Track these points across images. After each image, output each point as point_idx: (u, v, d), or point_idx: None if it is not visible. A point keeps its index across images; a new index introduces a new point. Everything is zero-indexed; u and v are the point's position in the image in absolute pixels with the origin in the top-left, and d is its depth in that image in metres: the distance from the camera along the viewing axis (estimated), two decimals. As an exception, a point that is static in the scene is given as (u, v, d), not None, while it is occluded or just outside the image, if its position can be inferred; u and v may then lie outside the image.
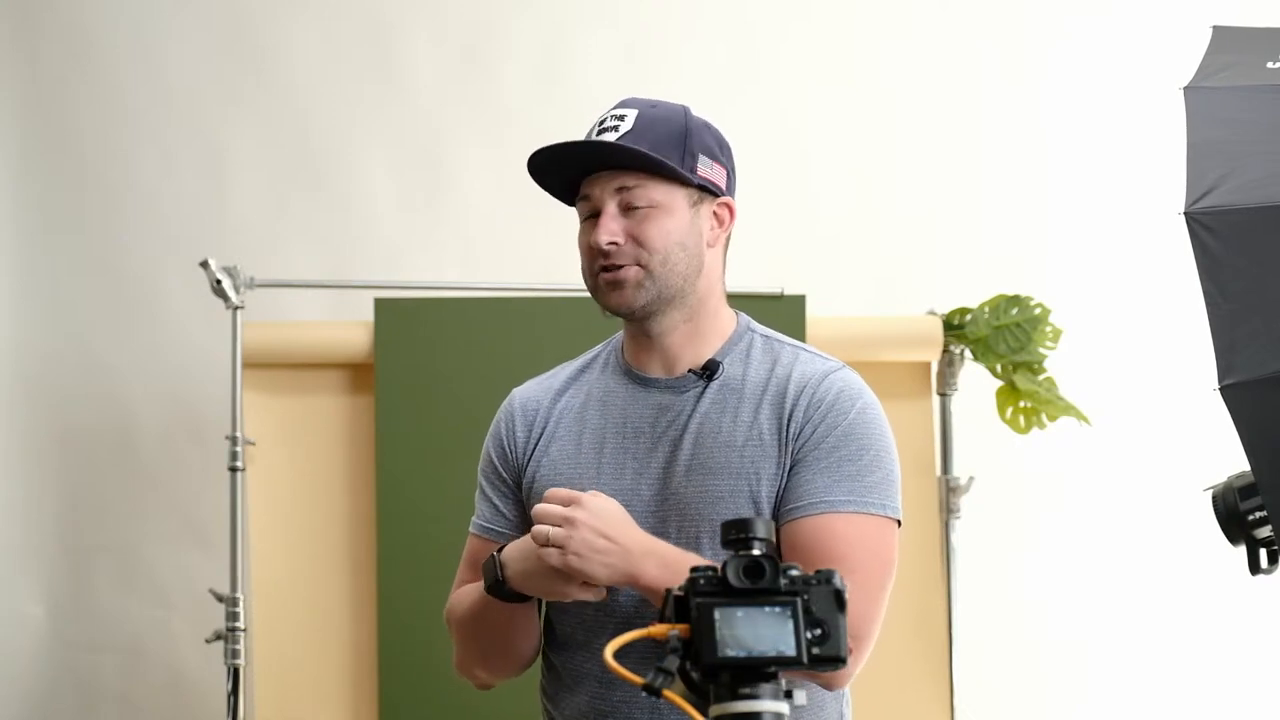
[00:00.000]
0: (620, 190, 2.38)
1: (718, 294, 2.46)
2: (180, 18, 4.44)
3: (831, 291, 4.22)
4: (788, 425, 2.37)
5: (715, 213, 2.43)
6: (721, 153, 2.44)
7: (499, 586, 2.37)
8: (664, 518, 2.37)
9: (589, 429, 2.45)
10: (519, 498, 2.50)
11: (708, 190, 2.41)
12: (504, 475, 2.51)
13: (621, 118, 2.40)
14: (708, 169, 2.41)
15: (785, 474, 2.36)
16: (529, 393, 2.54)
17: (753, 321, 2.51)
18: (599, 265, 2.40)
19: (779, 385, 2.40)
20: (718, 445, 2.38)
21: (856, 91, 4.58)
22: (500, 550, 2.38)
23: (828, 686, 2.37)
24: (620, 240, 2.37)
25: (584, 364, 2.54)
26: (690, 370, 2.43)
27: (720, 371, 2.42)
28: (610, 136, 2.38)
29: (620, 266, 2.38)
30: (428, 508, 3.92)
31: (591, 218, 2.41)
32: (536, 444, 2.48)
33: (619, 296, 2.39)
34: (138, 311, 4.37)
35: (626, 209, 2.38)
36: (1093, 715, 4.54)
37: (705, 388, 2.42)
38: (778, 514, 2.36)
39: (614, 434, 2.43)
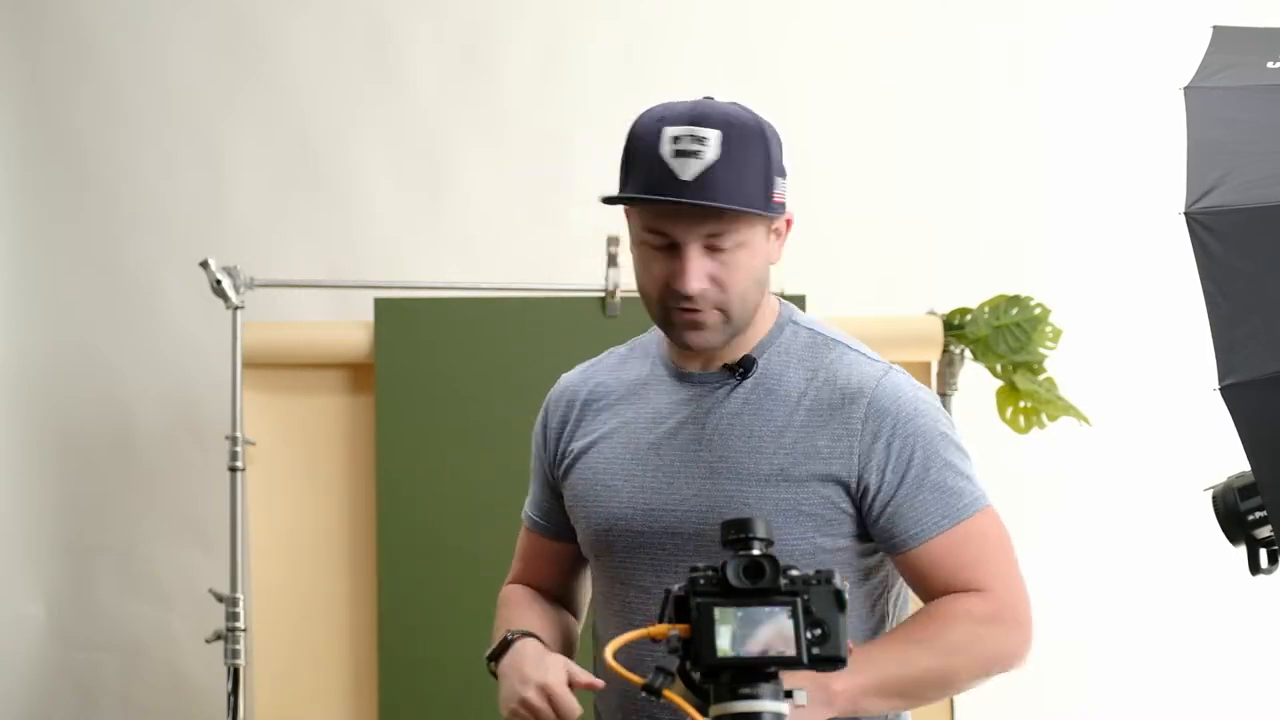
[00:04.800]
0: (709, 235, 2.25)
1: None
2: (180, 18, 4.44)
3: (831, 291, 4.22)
4: (850, 445, 2.30)
5: (779, 227, 2.36)
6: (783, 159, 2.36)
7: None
8: (684, 516, 2.33)
9: (623, 420, 2.40)
10: (553, 487, 2.49)
11: (779, 211, 2.34)
12: (541, 464, 2.52)
13: (702, 140, 2.26)
14: (782, 190, 2.34)
15: (864, 498, 2.31)
16: (570, 381, 2.51)
17: (796, 312, 2.43)
18: (678, 304, 2.27)
19: (824, 393, 2.33)
20: (748, 449, 2.32)
21: (856, 91, 4.58)
22: (512, 640, 2.35)
23: (1009, 667, 2.39)
24: (707, 285, 2.26)
25: (627, 353, 2.49)
26: (725, 366, 2.36)
27: (755, 369, 2.35)
28: (693, 164, 2.24)
29: (700, 310, 2.27)
30: (428, 508, 3.92)
31: (665, 249, 2.27)
32: (572, 434, 2.45)
33: (698, 338, 2.29)
34: (138, 311, 4.37)
35: (711, 249, 2.26)
36: (1093, 715, 4.54)
37: (738, 385, 2.36)
38: (882, 538, 2.33)
39: (645, 427, 2.38)
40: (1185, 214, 2.43)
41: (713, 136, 2.27)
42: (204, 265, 3.86)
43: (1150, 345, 4.52)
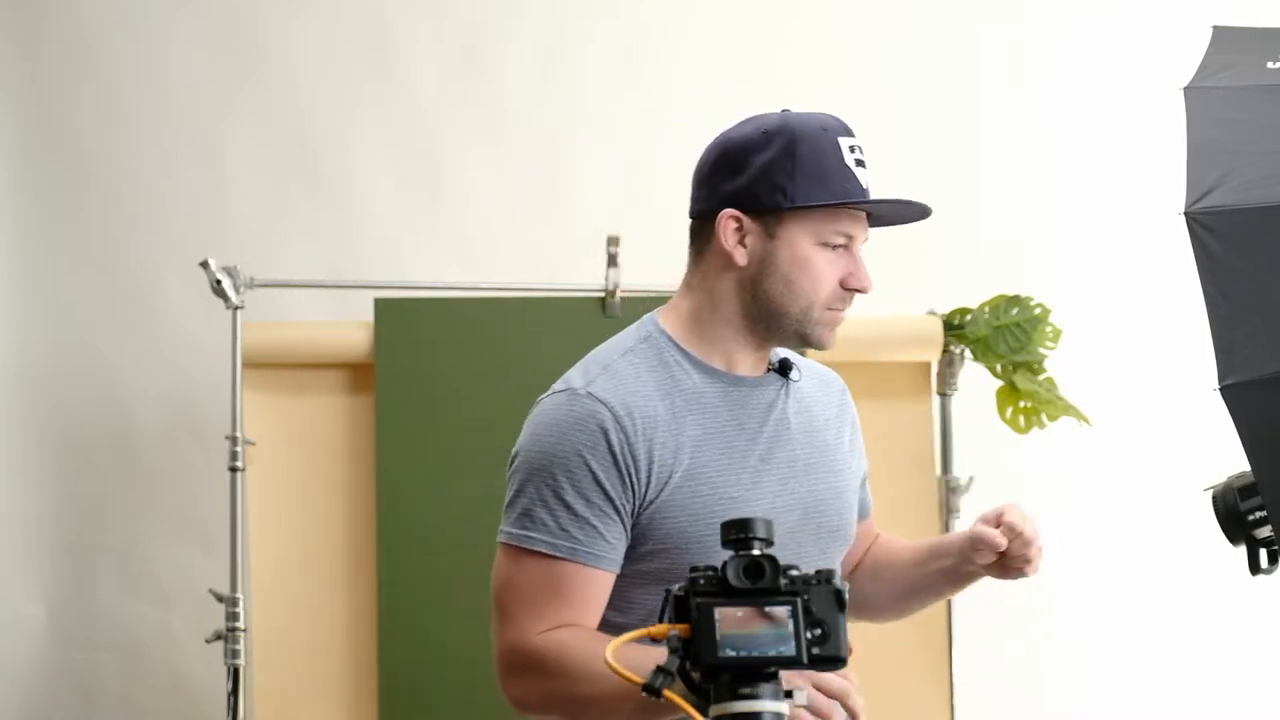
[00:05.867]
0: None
1: None
2: (180, 18, 4.44)
3: (831, 291, 4.21)
4: (854, 428, 2.56)
5: None
6: None
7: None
8: (803, 516, 2.40)
9: (704, 431, 2.35)
10: (627, 520, 2.32)
11: None
12: (610, 495, 2.30)
13: (864, 151, 2.42)
14: None
15: (862, 477, 2.58)
16: (621, 397, 2.33)
17: None
18: (842, 304, 2.41)
19: (825, 389, 2.53)
20: (821, 444, 2.46)
21: (856, 91, 4.58)
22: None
23: None
24: None
25: (640, 362, 2.39)
26: (770, 368, 2.45)
27: (794, 370, 2.47)
28: (864, 173, 2.41)
29: (845, 308, 2.43)
30: (428, 508, 3.92)
31: (836, 250, 2.40)
32: (665, 452, 2.32)
33: (831, 337, 2.42)
34: (138, 311, 4.37)
35: None
36: (1093, 715, 4.54)
37: (785, 385, 2.45)
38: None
39: (735, 434, 2.38)
40: (1185, 214, 2.44)
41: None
42: (204, 265, 3.86)
43: (1150, 345, 4.52)
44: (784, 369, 2.46)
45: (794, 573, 1.85)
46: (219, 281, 3.85)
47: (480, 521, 3.91)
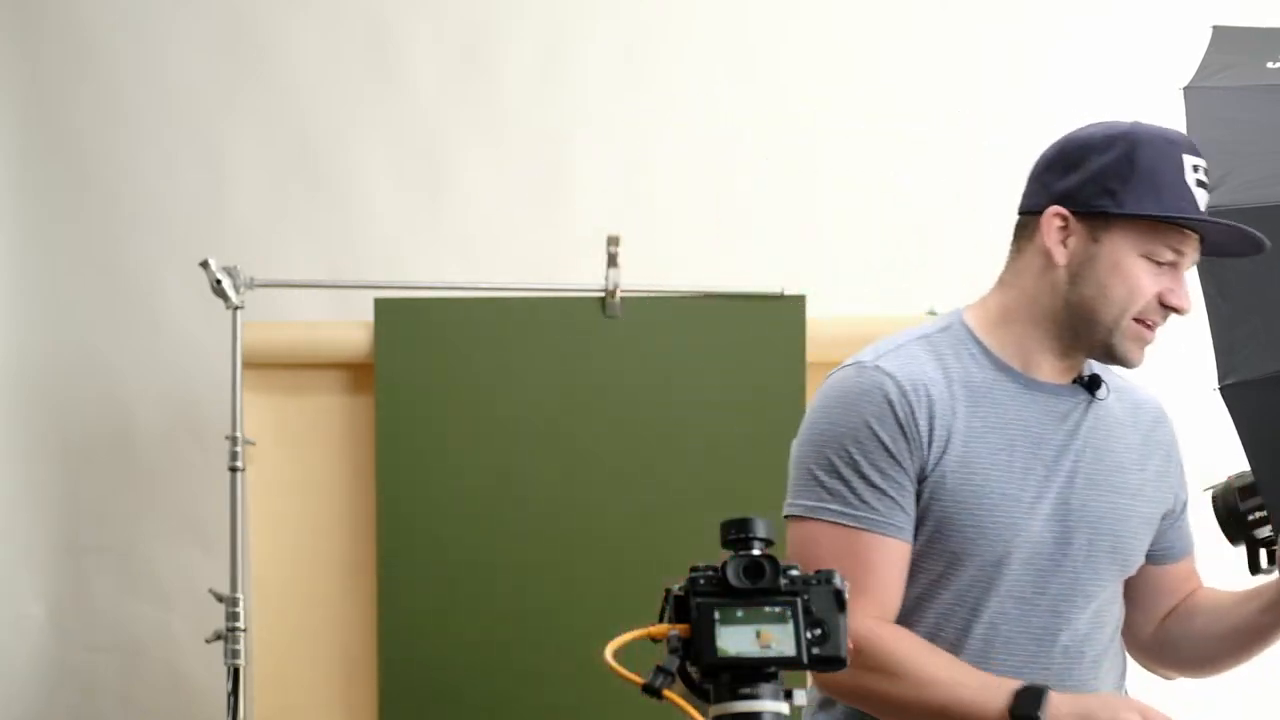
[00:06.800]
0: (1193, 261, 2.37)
1: None
2: (180, 18, 4.44)
3: (831, 291, 4.21)
4: (1166, 457, 2.52)
5: None
6: None
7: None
8: (1069, 529, 2.36)
9: (985, 424, 2.34)
10: (914, 491, 2.32)
11: None
12: (902, 464, 2.31)
13: (1210, 174, 2.33)
14: None
15: (1168, 509, 2.51)
16: (908, 373, 2.35)
17: None
18: (1154, 319, 2.36)
19: (1138, 415, 2.48)
20: (1113, 464, 2.41)
21: (856, 91, 4.58)
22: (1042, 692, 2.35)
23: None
24: None
25: (934, 349, 2.40)
26: (1076, 381, 2.41)
27: (1102, 388, 2.42)
28: (1204, 195, 2.32)
29: (1158, 327, 2.37)
30: (427, 507, 3.92)
31: (1160, 265, 2.34)
32: (943, 430, 2.32)
33: (1139, 356, 2.37)
34: (138, 311, 4.37)
35: None
36: (1093, 715, 4.53)
37: (1091, 401, 2.41)
38: (1155, 548, 2.51)
39: (1018, 436, 2.35)
40: (1185, 214, 2.43)
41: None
42: (204, 265, 3.86)
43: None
44: (1093, 385, 2.42)
45: (794, 573, 1.85)
46: (219, 281, 3.85)
47: (480, 520, 3.93)
